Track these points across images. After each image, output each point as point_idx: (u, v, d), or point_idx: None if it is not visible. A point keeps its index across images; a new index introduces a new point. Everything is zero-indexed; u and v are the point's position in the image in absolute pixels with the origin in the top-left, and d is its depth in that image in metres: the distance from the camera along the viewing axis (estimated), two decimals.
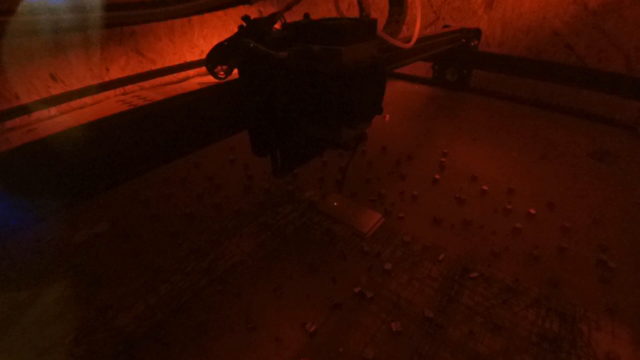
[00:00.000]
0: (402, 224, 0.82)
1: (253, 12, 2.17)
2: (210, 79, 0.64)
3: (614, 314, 0.59)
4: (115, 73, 1.73)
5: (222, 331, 0.59)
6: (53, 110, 1.55)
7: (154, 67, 1.87)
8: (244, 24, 0.57)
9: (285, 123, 0.65)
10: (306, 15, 0.63)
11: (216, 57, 0.61)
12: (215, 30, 2.11)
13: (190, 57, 2.04)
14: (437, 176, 0.98)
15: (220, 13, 2.06)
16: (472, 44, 1.52)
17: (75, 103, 1.61)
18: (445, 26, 1.60)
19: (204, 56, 0.77)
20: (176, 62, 1.96)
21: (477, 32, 1.51)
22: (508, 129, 1.28)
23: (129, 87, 1.79)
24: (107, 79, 1.70)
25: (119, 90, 1.76)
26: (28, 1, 0.97)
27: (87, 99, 1.65)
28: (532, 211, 0.83)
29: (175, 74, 1.97)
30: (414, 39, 0.78)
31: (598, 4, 1.26)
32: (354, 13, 0.66)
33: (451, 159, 1.09)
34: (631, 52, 1.24)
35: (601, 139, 1.18)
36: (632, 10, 1.20)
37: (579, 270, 0.68)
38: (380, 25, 0.66)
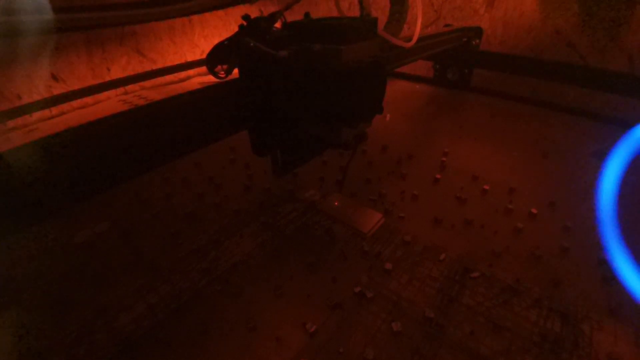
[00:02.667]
0: (403, 223, 0.82)
1: (254, 11, 2.16)
2: (210, 78, 0.64)
3: (616, 315, 0.59)
4: (116, 73, 1.73)
5: (222, 331, 0.59)
6: (54, 110, 1.55)
7: (154, 67, 1.87)
8: (245, 23, 0.57)
9: (286, 123, 0.65)
10: (307, 15, 0.63)
11: (216, 57, 0.61)
12: (216, 30, 2.11)
13: (191, 57, 2.04)
14: (438, 176, 0.98)
15: (220, 12, 2.06)
16: (474, 43, 1.51)
17: (76, 103, 1.61)
18: (447, 25, 1.60)
19: (204, 56, 0.77)
20: (177, 62, 1.96)
21: (478, 31, 1.50)
22: (509, 129, 1.28)
23: (129, 87, 1.79)
24: (108, 78, 1.70)
25: (119, 90, 1.76)
26: None
27: (88, 99, 1.65)
28: (534, 211, 0.82)
29: (175, 74, 1.97)
30: (414, 38, 0.77)
31: None
32: (355, 12, 0.66)
33: (452, 159, 1.08)
34: (634, 51, 1.24)
35: (603, 138, 1.18)
36: (636, 8, 1.19)
37: (580, 270, 0.68)
38: (381, 25, 0.66)
